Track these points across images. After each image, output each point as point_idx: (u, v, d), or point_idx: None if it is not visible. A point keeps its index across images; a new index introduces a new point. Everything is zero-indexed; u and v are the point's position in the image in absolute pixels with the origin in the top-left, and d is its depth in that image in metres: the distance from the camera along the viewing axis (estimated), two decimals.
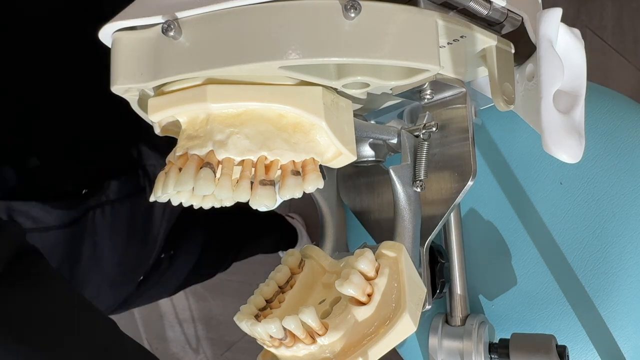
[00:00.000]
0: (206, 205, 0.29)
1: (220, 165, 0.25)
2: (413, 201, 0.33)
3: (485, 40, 0.30)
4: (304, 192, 0.27)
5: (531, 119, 0.32)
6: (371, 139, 0.35)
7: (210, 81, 0.25)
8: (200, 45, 0.24)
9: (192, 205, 0.28)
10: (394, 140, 0.34)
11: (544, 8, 0.28)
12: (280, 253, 1.25)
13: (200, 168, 0.25)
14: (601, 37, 1.15)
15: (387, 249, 0.30)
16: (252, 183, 0.26)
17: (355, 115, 0.30)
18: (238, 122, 0.26)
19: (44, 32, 0.50)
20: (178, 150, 0.26)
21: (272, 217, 1.17)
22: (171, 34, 0.24)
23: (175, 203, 0.27)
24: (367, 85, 0.29)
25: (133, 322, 1.42)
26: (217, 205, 0.29)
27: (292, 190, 0.26)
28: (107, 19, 0.26)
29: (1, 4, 0.45)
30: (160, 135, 0.30)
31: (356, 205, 0.40)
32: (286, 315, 0.27)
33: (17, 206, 0.48)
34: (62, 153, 0.53)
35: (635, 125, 0.44)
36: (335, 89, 0.29)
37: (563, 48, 0.29)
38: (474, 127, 0.34)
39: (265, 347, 0.30)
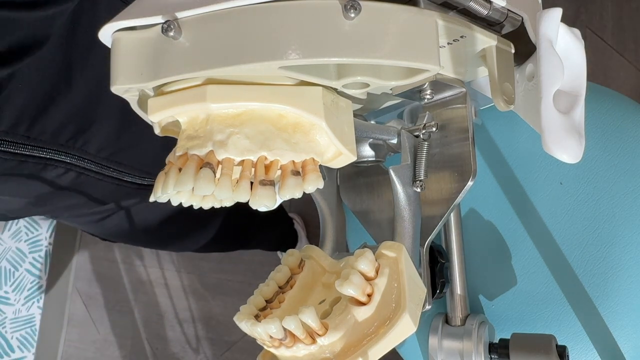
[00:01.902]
0: (206, 206, 0.29)
1: (220, 166, 0.25)
2: (413, 201, 0.33)
3: (485, 40, 0.30)
4: (304, 192, 0.27)
5: (531, 119, 0.32)
6: (371, 139, 0.35)
7: (210, 81, 0.25)
8: (200, 45, 0.24)
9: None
10: (394, 140, 0.34)
11: (544, 8, 0.28)
12: (280, 254, 1.25)
13: (200, 168, 0.25)
14: (601, 37, 1.15)
15: (387, 249, 0.30)
16: (252, 183, 0.26)
17: (355, 115, 0.30)
18: (238, 122, 0.26)
19: None
20: (178, 151, 0.26)
21: (283, 214, 1.18)
22: (171, 34, 0.24)
23: (175, 203, 0.27)
24: (367, 85, 0.29)
25: (133, 322, 1.42)
26: (217, 206, 0.29)
27: (292, 190, 0.26)
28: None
29: None
30: (160, 135, 0.30)
31: (356, 205, 0.40)
32: (286, 315, 0.27)
33: None
34: None
35: (635, 125, 0.44)
36: (335, 89, 0.29)
37: (563, 48, 0.29)
38: (474, 127, 0.34)
39: (265, 347, 0.30)
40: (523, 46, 0.33)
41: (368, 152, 0.36)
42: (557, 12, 0.27)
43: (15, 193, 0.52)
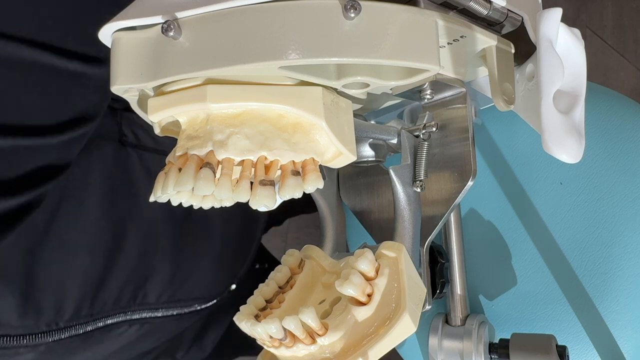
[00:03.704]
0: (206, 206, 0.29)
1: (220, 166, 0.25)
2: (413, 201, 0.33)
3: (485, 40, 0.30)
4: (304, 192, 0.27)
5: (531, 119, 0.32)
6: (371, 139, 0.35)
7: (210, 81, 0.25)
8: (200, 45, 0.24)
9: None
10: (394, 140, 0.34)
11: (544, 8, 0.28)
12: None
13: (200, 168, 0.25)
14: (601, 37, 1.15)
15: (387, 249, 0.30)
16: (252, 183, 0.26)
17: (355, 115, 0.30)
18: (238, 122, 0.26)
19: None
20: (178, 151, 0.26)
21: None
22: (171, 34, 0.24)
23: (175, 203, 0.27)
24: (367, 85, 0.29)
25: None
26: (217, 206, 0.29)
27: (292, 190, 0.26)
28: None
29: None
30: (160, 135, 0.30)
31: (356, 205, 0.40)
32: (286, 315, 0.27)
33: (137, 119, 0.45)
34: None
35: (635, 126, 0.44)
36: (335, 89, 0.29)
37: (563, 48, 0.29)
38: (474, 127, 0.34)
39: (265, 347, 0.30)
40: (523, 46, 0.33)
41: (368, 152, 0.36)
42: (557, 12, 0.27)
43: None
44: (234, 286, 0.60)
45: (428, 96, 0.34)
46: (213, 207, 0.27)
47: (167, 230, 0.49)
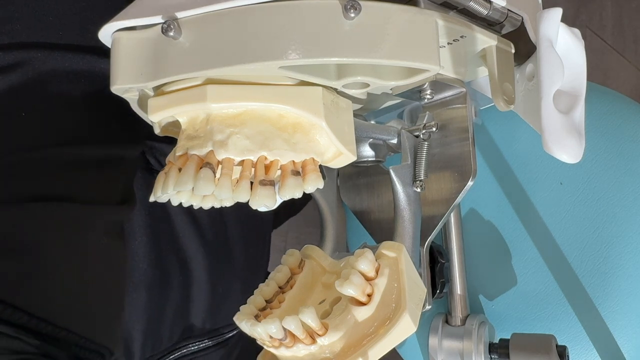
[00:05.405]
0: (206, 206, 0.29)
1: (220, 166, 0.25)
2: (413, 201, 0.33)
3: (485, 40, 0.30)
4: (304, 192, 0.27)
5: (531, 119, 0.32)
6: (371, 139, 0.35)
7: (210, 81, 0.25)
8: (200, 45, 0.24)
9: None
10: (394, 140, 0.34)
11: (544, 8, 0.28)
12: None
13: (200, 168, 0.25)
14: (601, 37, 1.15)
15: (387, 249, 0.30)
16: (252, 183, 0.26)
17: (355, 115, 0.30)
18: (238, 122, 0.26)
19: None
20: (178, 150, 0.26)
21: None
22: (171, 34, 0.24)
23: (175, 203, 0.27)
24: (367, 85, 0.29)
25: None
26: (217, 206, 0.29)
27: (292, 190, 0.26)
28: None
29: None
30: (160, 135, 0.30)
31: (356, 205, 0.40)
32: (286, 315, 0.27)
33: (159, 147, 0.45)
34: None
35: (635, 125, 0.44)
36: (335, 89, 0.29)
37: (563, 48, 0.29)
38: (474, 127, 0.34)
39: (265, 347, 0.30)
40: (523, 46, 0.33)
41: (368, 152, 0.36)
42: (557, 12, 0.27)
43: None
44: None
45: (428, 96, 0.34)
46: (231, 229, 0.26)
47: (199, 258, 0.47)
